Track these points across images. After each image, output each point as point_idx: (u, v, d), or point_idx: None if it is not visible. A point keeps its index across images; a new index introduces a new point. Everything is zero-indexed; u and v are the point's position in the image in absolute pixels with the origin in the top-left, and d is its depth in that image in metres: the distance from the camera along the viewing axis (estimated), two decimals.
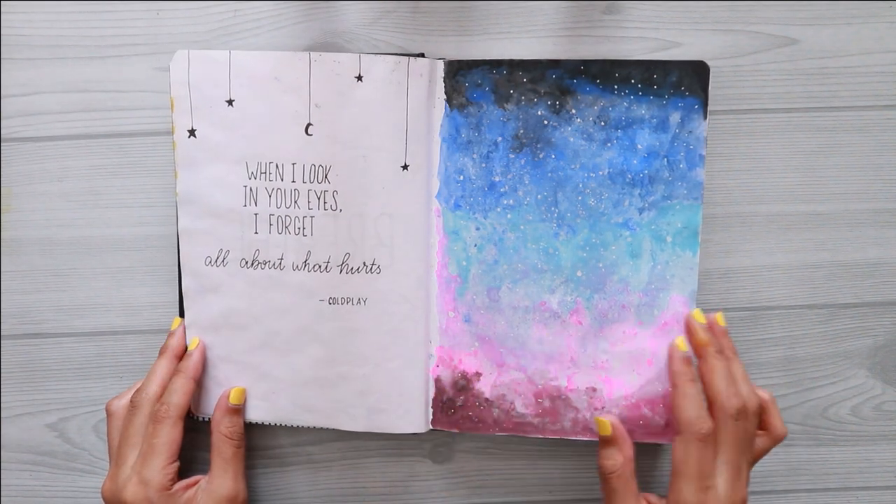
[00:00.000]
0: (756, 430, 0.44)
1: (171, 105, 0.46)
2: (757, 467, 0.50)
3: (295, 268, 0.47)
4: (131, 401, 0.46)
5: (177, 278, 0.48)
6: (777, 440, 0.44)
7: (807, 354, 0.50)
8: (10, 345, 0.50)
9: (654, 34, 0.48)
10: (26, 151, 0.49)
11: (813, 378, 0.50)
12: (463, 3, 0.48)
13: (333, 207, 0.46)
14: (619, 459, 0.44)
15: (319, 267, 0.47)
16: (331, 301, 0.47)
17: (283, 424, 0.48)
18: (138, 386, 0.46)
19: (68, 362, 0.50)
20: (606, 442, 0.45)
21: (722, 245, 0.49)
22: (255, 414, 0.48)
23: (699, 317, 0.45)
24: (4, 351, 0.50)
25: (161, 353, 0.47)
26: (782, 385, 0.50)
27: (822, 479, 0.51)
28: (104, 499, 0.45)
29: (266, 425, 0.50)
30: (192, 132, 0.46)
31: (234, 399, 0.47)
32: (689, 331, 0.45)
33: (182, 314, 0.48)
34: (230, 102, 0.46)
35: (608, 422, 0.45)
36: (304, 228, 0.47)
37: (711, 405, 0.43)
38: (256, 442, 0.50)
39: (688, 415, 0.42)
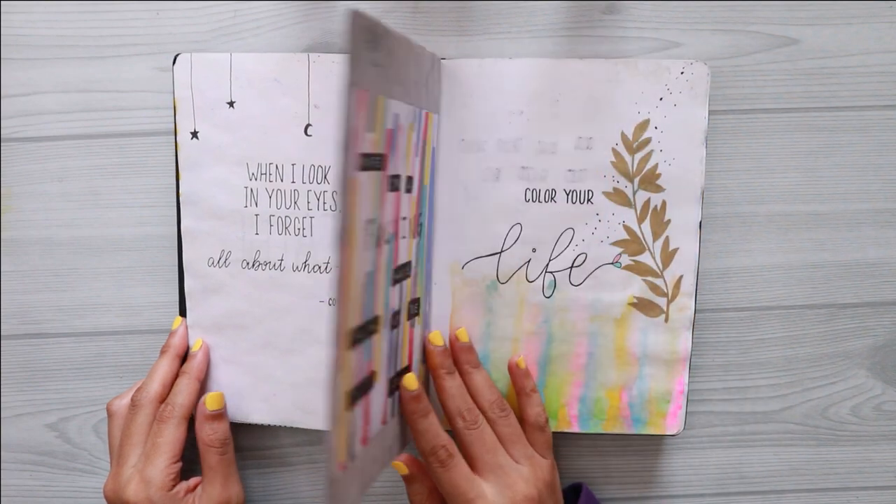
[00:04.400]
0: (515, 427, 0.45)
1: (174, 107, 0.46)
2: (757, 467, 0.50)
3: (295, 269, 0.47)
4: (132, 400, 0.45)
5: (177, 278, 0.48)
6: (534, 426, 0.46)
7: (807, 354, 0.50)
8: (10, 345, 0.50)
9: (654, 34, 0.48)
10: (26, 151, 0.49)
11: (813, 378, 0.50)
12: (463, 3, 0.48)
13: (333, 208, 0.46)
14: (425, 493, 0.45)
15: (319, 268, 0.47)
16: (331, 302, 0.47)
17: (284, 426, 0.48)
18: (139, 385, 0.46)
19: (68, 362, 0.50)
20: (407, 479, 0.45)
21: (722, 245, 0.49)
22: (256, 416, 0.48)
23: (436, 339, 0.46)
24: (4, 351, 0.50)
25: (162, 352, 0.47)
26: (782, 385, 0.50)
27: (822, 479, 0.51)
28: (106, 498, 0.44)
29: (267, 426, 0.50)
30: (194, 134, 0.46)
31: (210, 405, 0.46)
32: (426, 353, 0.46)
33: (183, 314, 0.48)
34: (231, 104, 0.46)
35: (401, 463, 0.45)
36: (303, 229, 0.47)
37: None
38: (257, 442, 0.50)
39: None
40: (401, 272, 0.41)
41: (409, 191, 0.41)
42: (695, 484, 0.51)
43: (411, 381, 0.42)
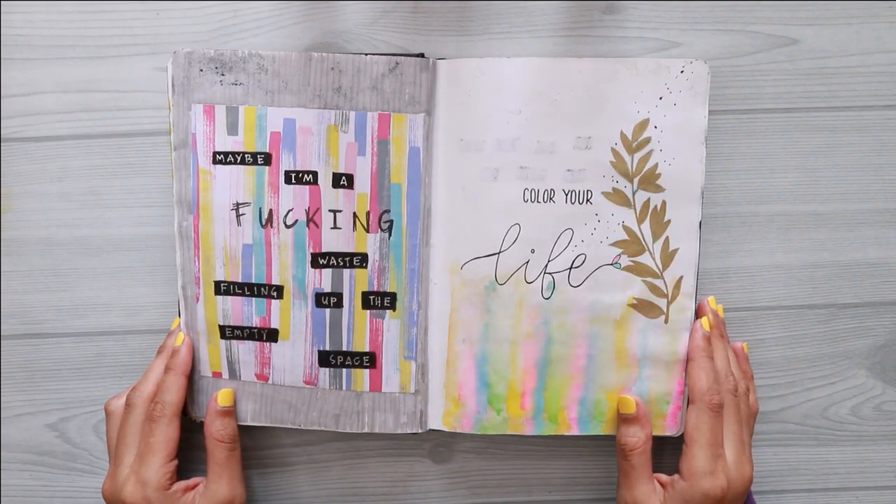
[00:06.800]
0: (748, 410, 0.46)
1: (169, 107, 0.46)
2: (757, 467, 0.50)
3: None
4: (127, 400, 0.46)
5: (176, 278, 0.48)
6: (753, 415, 0.47)
7: (806, 354, 0.50)
8: (10, 345, 0.50)
9: (654, 34, 0.48)
10: (26, 151, 0.49)
11: (813, 378, 0.50)
12: (463, 3, 0.48)
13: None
14: (642, 437, 0.46)
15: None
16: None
17: (283, 426, 0.48)
18: (135, 385, 0.46)
19: (68, 362, 0.50)
20: (630, 420, 0.46)
21: (722, 245, 0.49)
22: (255, 417, 0.48)
23: (713, 303, 0.48)
24: (4, 351, 0.50)
25: (159, 352, 0.47)
26: (782, 385, 0.50)
27: (822, 479, 0.51)
28: (104, 498, 0.45)
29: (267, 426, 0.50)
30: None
31: (222, 401, 0.46)
32: (703, 313, 0.47)
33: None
34: None
35: (633, 400, 0.46)
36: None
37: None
38: (257, 442, 0.50)
39: (701, 385, 0.45)
40: (332, 259, 0.45)
41: (343, 186, 0.45)
42: None
43: (705, 323, 0.47)
